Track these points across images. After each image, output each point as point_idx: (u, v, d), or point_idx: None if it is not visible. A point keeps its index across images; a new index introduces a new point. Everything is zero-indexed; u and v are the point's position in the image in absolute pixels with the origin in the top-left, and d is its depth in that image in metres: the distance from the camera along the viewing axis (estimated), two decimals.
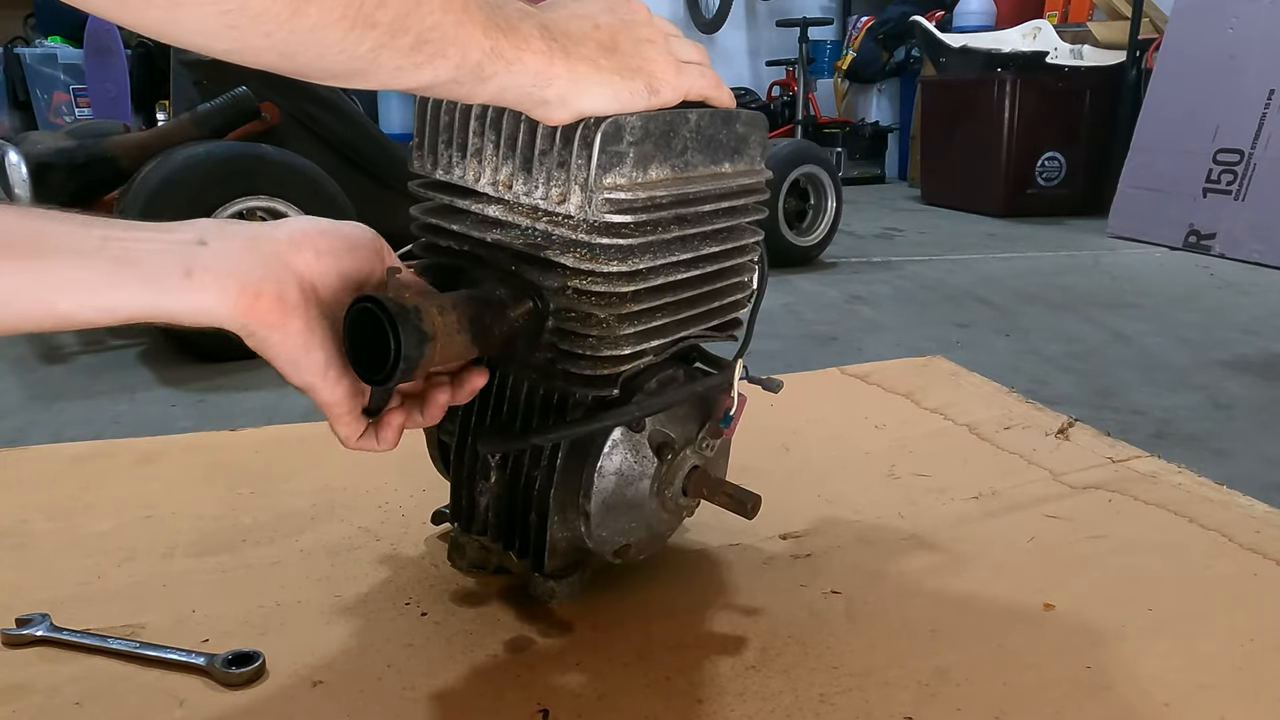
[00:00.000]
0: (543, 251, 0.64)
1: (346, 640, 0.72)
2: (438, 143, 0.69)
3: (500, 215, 0.66)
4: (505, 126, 0.64)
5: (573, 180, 0.61)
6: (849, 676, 0.68)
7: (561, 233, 0.63)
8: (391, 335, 0.54)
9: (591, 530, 0.69)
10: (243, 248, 0.53)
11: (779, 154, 2.70)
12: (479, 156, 0.67)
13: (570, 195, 0.61)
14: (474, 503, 0.73)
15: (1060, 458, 1.07)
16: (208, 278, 0.50)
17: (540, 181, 0.63)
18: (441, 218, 0.70)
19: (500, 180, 0.66)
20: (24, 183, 1.85)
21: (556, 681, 0.67)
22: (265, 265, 0.53)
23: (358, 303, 0.56)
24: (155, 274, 0.48)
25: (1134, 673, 0.69)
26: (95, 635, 0.70)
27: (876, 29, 5.10)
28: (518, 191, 0.64)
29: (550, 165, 0.62)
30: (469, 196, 0.68)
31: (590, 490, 0.68)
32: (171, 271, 0.49)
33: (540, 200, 0.63)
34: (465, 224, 0.69)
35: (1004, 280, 2.65)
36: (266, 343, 0.53)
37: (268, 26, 0.41)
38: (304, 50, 0.44)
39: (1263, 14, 3.11)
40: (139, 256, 0.48)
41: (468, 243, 0.69)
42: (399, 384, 0.58)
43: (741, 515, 0.71)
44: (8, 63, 4.65)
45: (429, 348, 0.56)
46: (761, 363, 1.82)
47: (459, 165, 0.68)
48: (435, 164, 0.70)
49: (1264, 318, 2.25)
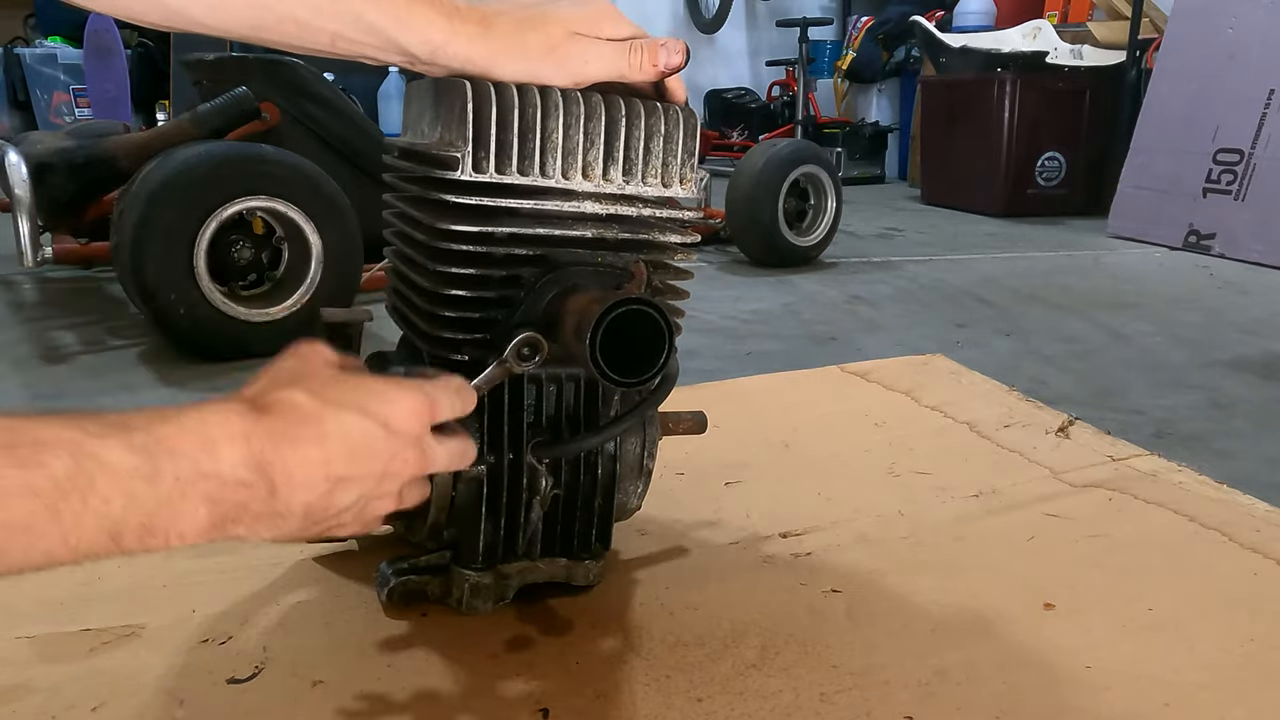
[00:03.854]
0: (647, 234, 0.69)
1: (346, 640, 0.71)
2: (510, 144, 0.65)
3: (598, 209, 0.68)
4: (604, 123, 0.66)
5: (678, 166, 0.68)
6: (849, 675, 0.68)
7: (664, 215, 0.70)
8: (667, 334, 0.59)
9: (646, 489, 0.77)
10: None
11: (779, 154, 2.70)
12: (573, 153, 0.66)
13: (674, 181, 0.69)
14: (517, 526, 0.72)
15: (1060, 456, 1.07)
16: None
17: (650, 171, 0.68)
18: (489, 221, 0.67)
19: (596, 174, 0.67)
20: (24, 183, 1.85)
21: (556, 681, 0.67)
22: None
23: (619, 306, 0.57)
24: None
25: (1134, 673, 0.69)
26: None
27: (876, 29, 5.10)
28: (619, 183, 0.67)
29: (654, 156, 0.68)
30: (548, 196, 0.67)
31: (654, 450, 0.77)
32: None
33: (645, 189, 0.68)
34: (540, 225, 0.67)
35: (1004, 280, 2.65)
36: None
37: None
38: None
39: (1263, 14, 3.11)
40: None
41: (530, 244, 0.67)
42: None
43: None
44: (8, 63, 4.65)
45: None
46: (762, 362, 1.81)
47: (548, 165, 0.66)
48: (508, 166, 0.65)
49: (1264, 318, 2.25)
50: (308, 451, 0.48)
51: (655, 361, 0.59)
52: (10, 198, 1.87)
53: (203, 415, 0.45)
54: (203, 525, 0.45)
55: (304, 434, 0.48)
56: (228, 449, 0.45)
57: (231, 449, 0.45)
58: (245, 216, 1.79)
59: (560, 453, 0.70)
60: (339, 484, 0.49)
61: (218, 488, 0.45)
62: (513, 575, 0.73)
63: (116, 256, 1.77)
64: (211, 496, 0.44)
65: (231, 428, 0.46)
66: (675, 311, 0.72)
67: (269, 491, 0.47)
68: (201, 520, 0.45)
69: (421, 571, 0.73)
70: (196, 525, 0.45)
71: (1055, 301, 2.39)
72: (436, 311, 0.67)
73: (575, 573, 0.75)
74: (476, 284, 0.66)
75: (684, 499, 0.95)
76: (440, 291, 0.67)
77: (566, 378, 0.72)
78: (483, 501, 0.70)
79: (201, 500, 0.44)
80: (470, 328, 0.67)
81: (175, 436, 0.44)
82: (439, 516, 0.71)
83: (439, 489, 0.69)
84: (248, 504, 0.46)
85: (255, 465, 0.46)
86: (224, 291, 1.76)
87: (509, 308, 0.67)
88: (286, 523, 0.48)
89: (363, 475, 0.50)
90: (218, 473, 0.45)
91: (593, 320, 0.56)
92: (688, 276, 0.76)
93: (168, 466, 0.43)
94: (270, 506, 0.47)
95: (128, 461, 0.42)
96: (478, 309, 0.67)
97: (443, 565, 0.73)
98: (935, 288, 2.56)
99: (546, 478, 0.70)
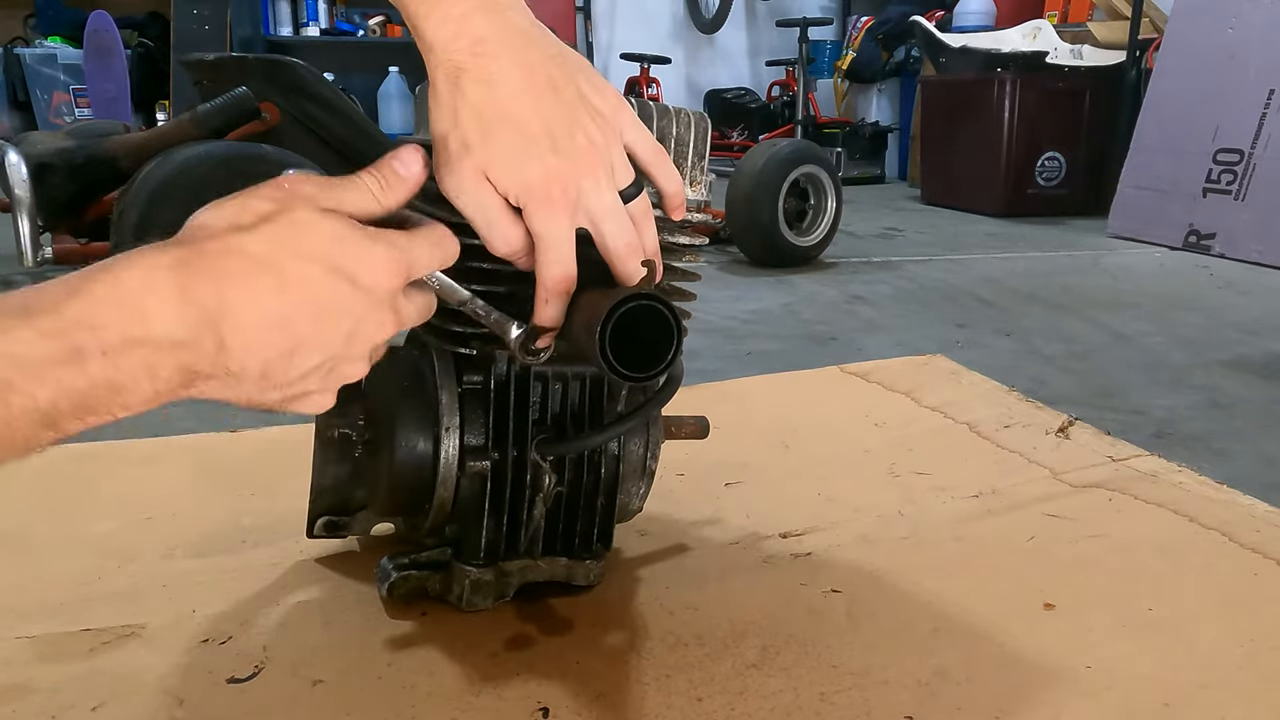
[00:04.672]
0: (663, 235, 0.69)
1: (346, 640, 0.71)
2: None
3: None
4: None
5: (688, 169, 0.70)
6: (849, 675, 0.68)
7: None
8: (676, 331, 0.59)
9: (648, 491, 0.78)
10: None
11: (779, 154, 2.70)
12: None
13: (687, 183, 0.70)
14: (519, 524, 0.72)
15: (1060, 456, 1.07)
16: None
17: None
18: None
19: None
20: (24, 183, 1.85)
21: (556, 680, 0.67)
22: None
23: (629, 301, 0.57)
24: None
25: (1134, 673, 0.69)
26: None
27: (876, 29, 5.10)
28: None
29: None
30: None
31: (658, 451, 0.77)
32: None
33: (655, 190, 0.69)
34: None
35: (1004, 280, 2.65)
36: None
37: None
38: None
39: (1263, 14, 3.11)
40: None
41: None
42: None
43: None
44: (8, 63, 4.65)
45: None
46: (762, 362, 1.81)
47: None
48: None
49: (1264, 318, 2.24)
50: (264, 305, 0.44)
51: (663, 358, 0.59)
52: (10, 198, 1.87)
53: (117, 278, 0.41)
54: (147, 395, 0.42)
55: (260, 285, 0.44)
56: (157, 309, 0.42)
57: (162, 308, 0.42)
58: None
59: (564, 450, 0.70)
60: (301, 343, 0.46)
61: (154, 353, 0.42)
62: (513, 573, 0.73)
63: None
64: (150, 364, 0.42)
65: (157, 284, 0.42)
66: (682, 313, 0.73)
67: (217, 347, 0.43)
68: (145, 390, 0.42)
69: (422, 567, 0.73)
70: (140, 396, 0.42)
71: (1055, 301, 2.39)
72: (446, 306, 0.68)
73: (576, 572, 0.75)
74: (486, 278, 0.67)
75: (684, 499, 0.95)
76: None
77: (572, 376, 0.72)
78: (486, 497, 0.70)
79: (140, 370, 0.41)
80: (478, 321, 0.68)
81: (90, 310, 0.40)
82: (441, 512, 0.71)
83: (442, 486, 0.70)
84: (194, 365, 0.43)
85: (197, 320, 0.43)
86: None
87: (518, 303, 0.67)
88: (241, 384, 0.45)
89: (328, 335, 0.47)
90: (149, 337, 0.41)
91: (602, 315, 0.56)
92: (695, 278, 0.76)
93: (90, 343, 0.40)
94: (220, 365, 0.44)
95: (41, 351, 0.39)
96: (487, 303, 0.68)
97: (444, 561, 0.73)
98: (935, 288, 2.56)
99: (550, 475, 0.70)
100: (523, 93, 0.55)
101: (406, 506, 0.73)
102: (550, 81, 0.55)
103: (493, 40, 0.54)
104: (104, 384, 0.41)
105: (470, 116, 0.54)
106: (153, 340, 0.41)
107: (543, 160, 0.55)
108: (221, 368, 0.44)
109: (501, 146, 0.55)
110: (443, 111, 0.55)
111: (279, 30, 5.24)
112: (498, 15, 0.54)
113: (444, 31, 0.53)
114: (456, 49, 0.53)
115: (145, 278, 0.42)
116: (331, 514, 0.81)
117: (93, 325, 0.40)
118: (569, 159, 0.56)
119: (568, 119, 0.56)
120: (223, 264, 0.44)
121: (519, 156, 0.55)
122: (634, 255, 0.60)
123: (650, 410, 0.72)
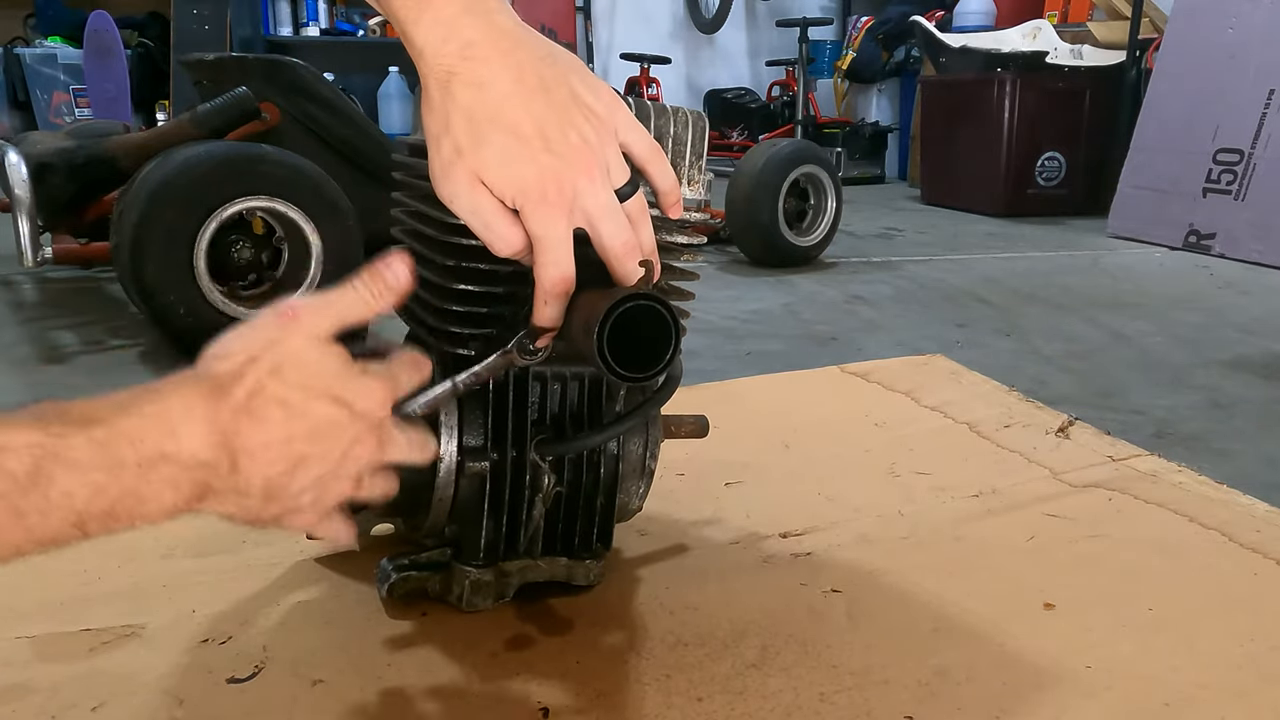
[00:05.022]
0: (661, 235, 0.70)
1: (346, 640, 0.71)
2: None
3: None
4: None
5: (686, 168, 0.70)
6: (849, 675, 0.68)
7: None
8: (674, 331, 0.58)
9: (648, 490, 0.77)
10: None
11: (779, 154, 2.70)
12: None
13: (681, 182, 0.70)
14: (519, 524, 0.72)
15: (1060, 456, 1.07)
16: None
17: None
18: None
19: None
20: (24, 183, 1.85)
21: (556, 680, 0.67)
22: None
23: (628, 301, 0.57)
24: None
25: (1134, 673, 0.69)
26: None
27: (876, 29, 5.10)
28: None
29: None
30: None
31: (657, 450, 0.77)
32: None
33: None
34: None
35: (1004, 280, 2.65)
36: None
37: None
38: None
39: (1263, 14, 3.11)
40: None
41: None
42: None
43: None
44: (8, 63, 4.65)
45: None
46: (762, 363, 1.82)
47: None
48: None
49: (1264, 318, 2.24)
50: (272, 430, 0.49)
51: (661, 358, 0.59)
52: (10, 198, 1.87)
53: (166, 403, 0.47)
54: (166, 506, 0.47)
55: (271, 414, 0.49)
56: (189, 432, 0.47)
57: (193, 432, 0.47)
58: (245, 216, 1.79)
59: (563, 450, 0.70)
60: (300, 462, 0.50)
61: (180, 470, 0.47)
62: (513, 573, 0.73)
63: (116, 256, 1.77)
64: (174, 479, 0.47)
65: (193, 411, 0.47)
66: (681, 312, 0.73)
67: (230, 468, 0.48)
68: (165, 502, 0.47)
69: (422, 567, 0.73)
70: (161, 507, 0.47)
71: (1055, 301, 2.39)
72: (444, 306, 0.68)
73: (576, 572, 0.75)
74: (485, 279, 0.67)
75: (684, 499, 0.95)
76: (449, 286, 0.67)
77: (571, 376, 0.72)
78: (485, 498, 0.70)
79: (164, 483, 0.46)
80: (478, 322, 0.68)
81: (137, 426, 0.46)
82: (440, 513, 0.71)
83: (441, 486, 0.70)
84: (209, 481, 0.48)
85: (217, 444, 0.48)
86: (224, 291, 1.76)
87: (517, 303, 0.67)
88: (246, 499, 0.50)
89: (323, 454, 0.51)
90: (179, 456, 0.47)
91: (600, 315, 0.56)
92: (693, 278, 0.76)
93: (129, 455, 0.45)
94: (231, 483, 0.49)
95: (89, 456, 0.44)
96: (485, 304, 0.67)
97: (443, 562, 0.73)
98: (935, 288, 2.56)
99: (549, 475, 0.70)
100: (514, 94, 0.55)
101: (406, 507, 0.73)
102: (542, 82, 0.55)
103: (482, 43, 0.54)
104: (132, 493, 0.46)
105: (462, 120, 0.54)
106: (181, 459, 0.47)
107: (536, 161, 0.55)
108: (231, 485, 0.49)
109: (494, 149, 0.55)
110: (435, 116, 0.55)
111: (279, 30, 5.24)
112: (485, 18, 0.55)
113: (433, 36, 0.54)
114: (446, 53, 0.54)
115: (184, 404, 0.48)
116: None
117: (135, 440, 0.45)
118: (563, 158, 0.56)
119: (560, 119, 0.56)
120: (241, 396, 0.49)
121: (512, 158, 0.55)
122: (632, 255, 0.60)
123: (649, 410, 0.72)
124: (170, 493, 0.47)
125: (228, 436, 0.48)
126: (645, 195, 0.62)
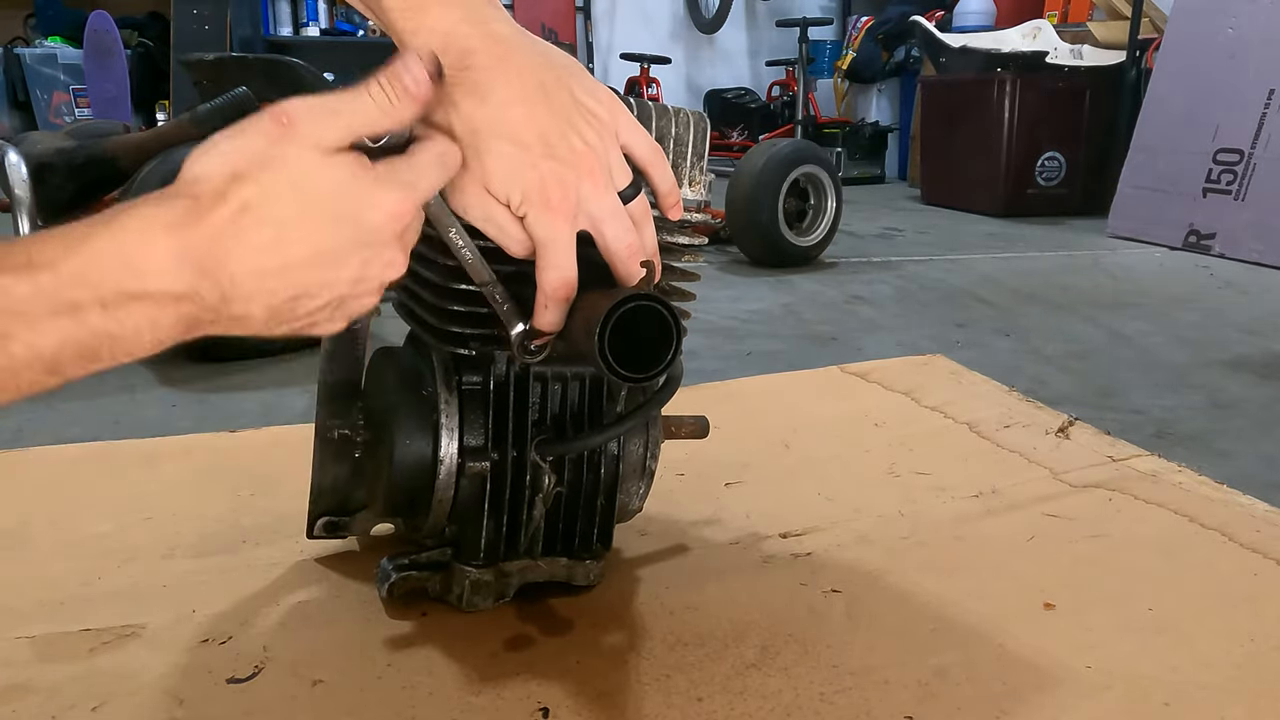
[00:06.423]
0: (662, 235, 0.69)
1: (346, 640, 0.71)
2: None
3: None
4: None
5: (687, 169, 0.70)
6: (849, 675, 0.68)
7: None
8: (675, 331, 0.58)
9: (648, 491, 0.78)
10: None
11: (779, 154, 2.70)
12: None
13: (682, 182, 0.70)
14: (519, 524, 0.72)
15: (1060, 456, 1.07)
16: None
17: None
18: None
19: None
20: (24, 183, 1.85)
21: (556, 680, 0.67)
22: None
23: (629, 302, 0.57)
24: None
25: (1134, 673, 0.69)
26: None
27: (876, 29, 5.10)
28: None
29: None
30: None
31: (657, 451, 0.77)
32: None
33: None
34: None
35: (1004, 280, 2.65)
36: None
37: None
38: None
39: (1263, 14, 3.11)
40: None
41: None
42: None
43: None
44: (8, 63, 4.65)
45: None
46: (762, 363, 1.82)
47: None
48: None
49: (1264, 318, 2.24)
50: (265, 257, 0.44)
51: (662, 359, 0.59)
52: (10, 198, 1.87)
53: (122, 236, 0.42)
54: (147, 343, 0.44)
55: (259, 238, 0.44)
56: (151, 265, 0.42)
57: (157, 264, 0.42)
58: None
59: (564, 451, 0.70)
60: (304, 290, 0.46)
61: (154, 307, 0.43)
62: (513, 573, 0.73)
63: None
64: (150, 316, 0.43)
65: (153, 241, 0.42)
66: (682, 313, 0.73)
67: (219, 299, 0.44)
68: (145, 339, 0.43)
69: (422, 567, 0.73)
70: (141, 344, 0.43)
71: (1055, 301, 2.39)
72: (445, 306, 0.68)
73: (576, 572, 0.75)
74: None
75: (684, 499, 0.95)
76: (449, 286, 0.67)
77: (572, 376, 0.72)
78: (485, 498, 0.71)
79: (139, 322, 0.43)
80: (479, 322, 0.68)
81: (87, 267, 0.41)
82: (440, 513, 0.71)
83: (441, 486, 0.70)
84: (196, 314, 0.44)
85: (194, 274, 0.43)
86: None
87: (518, 304, 0.68)
88: (248, 324, 0.46)
89: (330, 281, 0.47)
90: (146, 292, 0.42)
91: (601, 315, 0.56)
92: (694, 278, 0.76)
93: (87, 297, 0.41)
94: (224, 312, 0.45)
95: (39, 305, 0.40)
96: (487, 304, 0.67)
97: (444, 562, 0.73)
98: (935, 288, 2.56)
99: (549, 475, 0.70)
100: (514, 102, 0.55)
101: (406, 507, 0.73)
102: (541, 88, 0.55)
103: (480, 52, 0.54)
104: (104, 335, 0.42)
105: (464, 131, 0.55)
106: (150, 295, 0.42)
107: (538, 167, 0.55)
108: (225, 315, 0.45)
109: (496, 158, 0.55)
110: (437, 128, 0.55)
111: (279, 30, 5.24)
112: (482, 26, 0.54)
113: (431, 46, 0.53)
114: (444, 64, 0.54)
115: (141, 235, 0.42)
116: (331, 514, 0.81)
117: (89, 282, 0.41)
118: (565, 163, 0.56)
119: (561, 124, 0.56)
120: (219, 218, 0.44)
121: (514, 166, 0.55)
122: (635, 257, 0.60)
123: (650, 410, 0.72)
124: (149, 330, 0.43)
125: (206, 265, 0.43)
126: (645, 196, 0.62)
